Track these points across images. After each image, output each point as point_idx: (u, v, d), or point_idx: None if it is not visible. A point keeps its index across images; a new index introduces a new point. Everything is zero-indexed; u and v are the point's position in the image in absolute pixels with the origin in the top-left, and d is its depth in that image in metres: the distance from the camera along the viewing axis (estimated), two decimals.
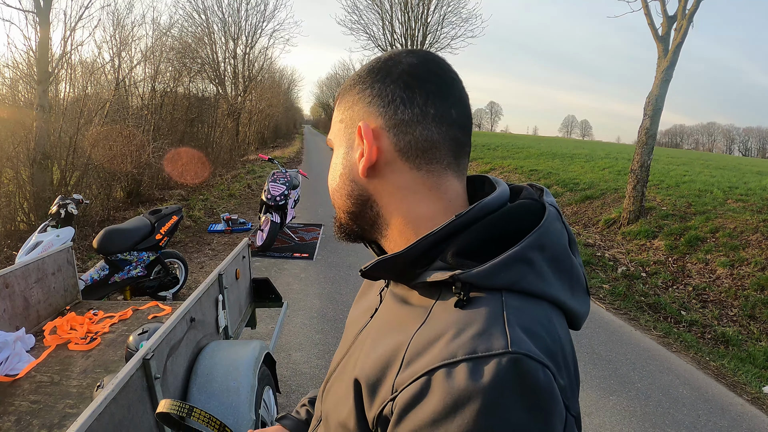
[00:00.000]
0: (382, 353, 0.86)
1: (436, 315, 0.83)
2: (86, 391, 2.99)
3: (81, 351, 3.52)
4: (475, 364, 0.70)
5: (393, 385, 0.78)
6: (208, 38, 27.75)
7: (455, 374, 0.70)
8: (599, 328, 6.56)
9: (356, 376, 0.88)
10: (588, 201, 13.61)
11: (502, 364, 0.69)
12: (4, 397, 2.89)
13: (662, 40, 10.47)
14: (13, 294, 3.65)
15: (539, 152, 27.63)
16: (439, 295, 0.87)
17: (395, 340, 0.85)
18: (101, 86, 13.55)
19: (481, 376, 0.68)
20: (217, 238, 10.52)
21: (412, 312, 0.89)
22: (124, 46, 14.10)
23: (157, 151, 13.31)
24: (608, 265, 9.37)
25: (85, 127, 11.24)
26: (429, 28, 32.60)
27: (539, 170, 19.22)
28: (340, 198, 1.05)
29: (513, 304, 0.79)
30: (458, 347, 0.73)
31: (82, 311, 4.19)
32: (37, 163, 9.55)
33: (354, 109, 0.99)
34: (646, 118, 10.59)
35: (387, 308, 1.01)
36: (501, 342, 0.72)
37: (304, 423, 1.35)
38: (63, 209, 5.71)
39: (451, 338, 0.75)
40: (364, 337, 1.03)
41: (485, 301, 0.80)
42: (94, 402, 1.79)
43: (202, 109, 20.27)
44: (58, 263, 4.20)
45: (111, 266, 5.75)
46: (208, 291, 3.30)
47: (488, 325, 0.75)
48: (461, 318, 0.78)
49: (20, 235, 8.99)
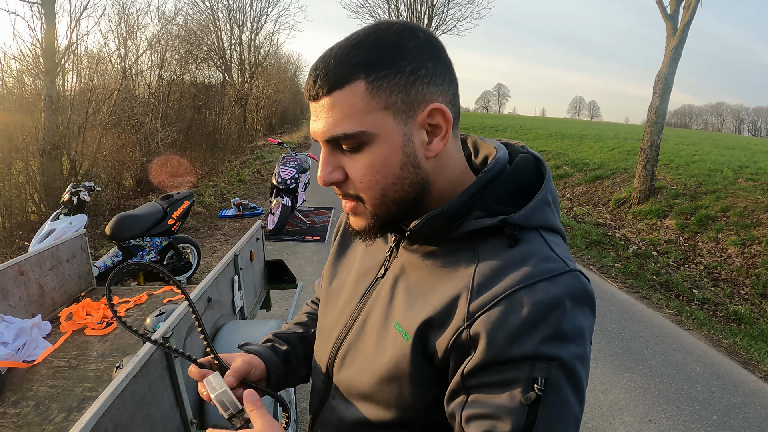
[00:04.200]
0: (440, 296, 0.98)
1: (488, 254, 0.98)
2: (104, 374, 3.01)
3: (97, 336, 3.55)
4: (551, 282, 0.90)
5: (466, 314, 0.91)
6: (213, 25, 27.75)
7: (537, 290, 0.88)
8: (612, 306, 6.57)
9: (403, 323, 1.02)
10: (598, 181, 13.59)
11: (569, 279, 0.91)
12: (23, 383, 2.91)
13: (671, 18, 10.40)
14: (28, 281, 3.67)
15: (548, 133, 27.57)
16: (480, 241, 1.01)
17: (449, 283, 0.99)
18: (108, 76, 13.55)
19: (558, 289, 0.89)
20: (228, 223, 10.57)
21: (455, 259, 1.02)
22: (130, 35, 14.15)
23: (165, 138, 13.34)
24: (619, 244, 9.36)
25: (93, 117, 11.26)
26: (435, 10, 32.52)
27: (548, 151, 19.17)
28: (397, 191, 1.01)
29: (549, 238, 1.00)
30: (531, 272, 0.90)
31: (97, 297, 4.22)
32: (46, 153, 9.58)
33: (409, 92, 0.95)
34: (656, 97, 10.55)
35: (415, 265, 1.09)
36: (561, 264, 0.93)
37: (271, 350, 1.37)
38: (75, 196, 5.74)
39: (520, 267, 0.92)
40: (382, 294, 1.14)
41: (530, 238, 0.99)
42: (115, 380, 1.81)
43: (209, 96, 20.25)
44: (72, 250, 4.23)
45: (124, 252, 5.79)
46: (224, 272, 3.31)
47: (545, 254, 0.95)
48: (520, 252, 0.96)
49: (31, 225, 9.03)
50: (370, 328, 1.12)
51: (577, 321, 0.89)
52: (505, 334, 0.87)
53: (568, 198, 13.30)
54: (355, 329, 1.16)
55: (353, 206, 1.05)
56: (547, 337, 0.86)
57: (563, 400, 0.86)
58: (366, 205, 1.03)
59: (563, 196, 13.57)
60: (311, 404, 1.33)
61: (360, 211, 1.06)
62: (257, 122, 33.75)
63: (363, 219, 1.07)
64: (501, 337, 0.87)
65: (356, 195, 1.03)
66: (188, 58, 17.98)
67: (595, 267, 8.30)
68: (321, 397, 1.27)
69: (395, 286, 1.11)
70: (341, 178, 1.02)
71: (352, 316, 1.19)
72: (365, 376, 1.08)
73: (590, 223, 10.65)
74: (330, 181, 1.02)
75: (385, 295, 1.13)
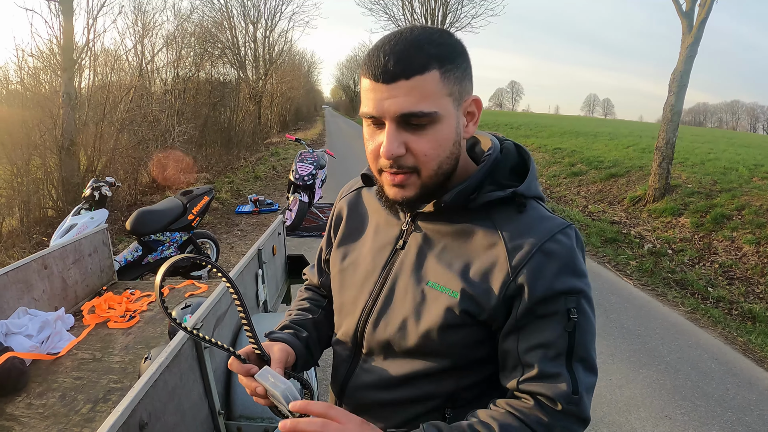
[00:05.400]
0: (477, 257, 1.23)
1: (505, 221, 1.23)
2: (129, 366, 3.06)
3: (121, 329, 3.60)
4: (563, 234, 1.19)
5: (509, 269, 1.17)
6: (228, 23, 27.72)
7: (557, 241, 1.17)
8: (627, 303, 6.57)
9: (446, 282, 1.23)
10: (613, 179, 13.52)
11: (572, 230, 1.22)
12: (48, 375, 2.96)
13: (686, 15, 10.35)
14: (51, 275, 3.72)
15: (562, 131, 27.37)
16: (492, 210, 1.25)
17: (479, 246, 1.23)
18: (124, 73, 13.62)
19: (570, 237, 1.20)
20: (245, 219, 10.61)
21: (475, 226, 1.26)
22: (146, 32, 14.16)
23: (181, 135, 13.39)
24: (634, 242, 9.34)
25: (110, 114, 11.31)
26: (449, 7, 32.32)
27: (563, 148, 19.07)
28: (448, 163, 1.21)
29: (542, 204, 1.29)
30: (548, 228, 1.19)
31: (119, 291, 4.27)
32: (64, 150, 9.64)
33: (462, 84, 1.17)
34: (671, 95, 10.50)
35: (440, 234, 1.30)
36: (562, 220, 1.22)
37: (294, 337, 1.48)
38: (96, 192, 5.78)
39: (539, 226, 1.20)
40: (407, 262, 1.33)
41: (532, 205, 1.26)
42: (149, 370, 1.85)
43: (224, 93, 20.33)
44: (94, 244, 4.28)
45: (144, 247, 5.83)
46: (249, 265, 3.35)
47: (548, 215, 1.24)
48: (530, 216, 1.23)
49: (49, 221, 9.09)
50: (401, 293, 1.31)
51: (583, 260, 1.21)
52: (544, 279, 1.14)
53: (583, 196, 13.27)
54: (383, 295, 1.34)
55: (404, 179, 1.20)
56: (572, 275, 1.16)
57: (588, 320, 1.18)
58: (421, 175, 1.19)
59: (578, 193, 13.54)
60: (336, 376, 1.49)
61: (410, 183, 1.21)
62: (272, 119, 33.80)
63: (411, 190, 1.21)
64: (541, 282, 1.14)
65: (414, 167, 1.18)
66: (203, 55, 18.02)
67: (611, 264, 8.29)
68: (349, 366, 1.44)
69: (421, 254, 1.31)
70: (404, 152, 1.15)
71: (376, 287, 1.36)
72: (411, 333, 1.26)
73: (605, 221, 10.62)
74: (396, 154, 1.14)
75: (410, 262, 1.32)
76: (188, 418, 2.12)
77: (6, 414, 2.58)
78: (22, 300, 3.40)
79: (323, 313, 1.64)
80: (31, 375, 2.93)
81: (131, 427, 1.68)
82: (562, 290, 1.14)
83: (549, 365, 1.15)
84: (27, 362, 2.98)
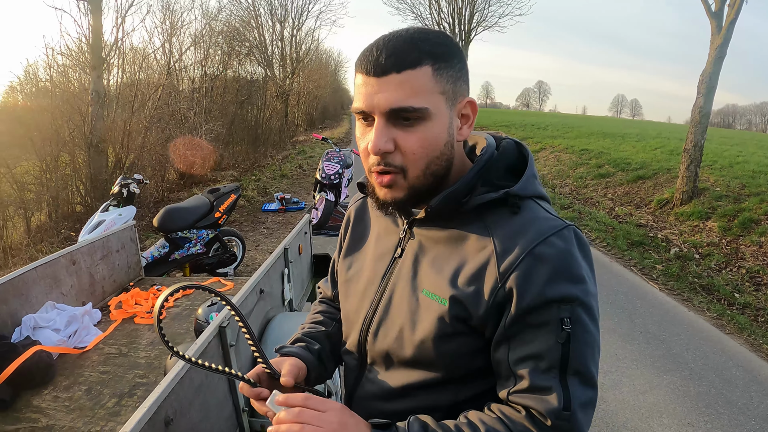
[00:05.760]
0: (467, 263, 1.18)
1: (497, 224, 1.19)
2: (155, 361, 3.09)
3: (147, 324, 3.63)
4: (558, 236, 1.12)
5: (497, 275, 1.12)
6: (255, 21, 27.81)
7: (550, 244, 1.10)
8: (653, 308, 6.52)
9: (436, 290, 1.20)
10: (640, 181, 13.40)
11: (571, 231, 1.15)
12: (74, 368, 3.00)
13: (715, 16, 10.23)
14: (79, 270, 3.77)
15: (589, 132, 27.14)
16: (486, 212, 1.21)
17: (471, 251, 1.19)
18: (152, 71, 13.75)
19: (566, 240, 1.12)
20: (271, 217, 10.67)
21: (468, 231, 1.22)
22: (174, 31, 14.29)
23: (209, 133, 13.49)
24: (661, 245, 9.26)
25: (138, 111, 11.43)
26: (476, 7, 32.25)
27: (590, 149, 18.90)
28: (438, 164, 1.18)
29: (542, 204, 1.23)
30: (540, 230, 1.13)
31: (146, 287, 4.31)
32: (93, 146, 9.76)
33: (457, 84, 1.16)
34: (700, 97, 10.39)
35: (433, 240, 1.27)
36: (560, 221, 1.16)
37: (306, 350, 1.46)
38: (125, 189, 5.86)
39: (530, 228, 1.14)
40: (404, 271, 1.30)
41: (528, 206, 1.20)
42: (175, 367, 1.87)
43: (251, 92, 20.41)
44: (122, 241, 4.32)
45: (171, 244, 5.90)
46: (275, 264, 3.37)
47: (544, 215, 1.18)
48: (524, 217, 1.17)
49: (77, 216, 9.23)
50: (398, 301, 1.28)
51: (584, 264, 1.13)
52: (533, 286, 1.08)
53: (610, 198, 13.16)
54: (382, 305, 1.32)
55: (391, 179, 1.17)
56: (565, 281, 1.09)
57: (586, 330, 1.11)
58: (408, 175, 1.17)
59: (605, 195, 13.44)
60: (346, 386, 1.48)
61: (398, 183, 1.18)
62: (298, 117, 33.90)
63: (399, 191, 1.19)
64: (530, 289, 1.08)
65: (401, 166, 1.16)
66: (231, 54, 18.12)
67: (637, 268, 8.22)
68: (356, 375, 1.42)
69: (417, 262, 1.28)
70: (392, 148, 1.14)
71: (377, 296, 1.35)
72: (407, 343, 1.25)
73: (632, 224, 10.54)
74: (384, 150, 1.13)
75: (407, 271, 1.29)
76: (213, 414, 2.14)
77: (32, 406, 2.63)
78: (51, 295, 3.44)
79: (337, 326, 1.61)
80: (58, 368, 2.97)
81: (157, 423, 1.70)
82: (554, 298, 1.08)
83: (540, 378, 1.10)
84: (54, 356, 3.03)
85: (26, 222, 8.89)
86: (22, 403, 2.65)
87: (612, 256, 8.67)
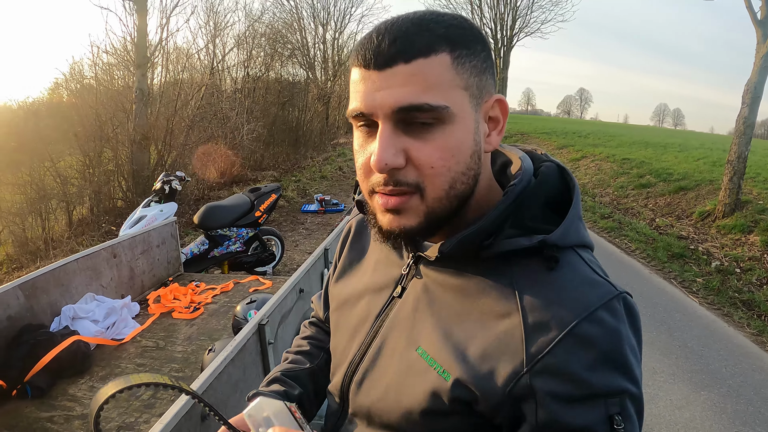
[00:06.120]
0: (483, 330, 0.88)
1: (527, 280, 0.88)
2: (191, 356, 3.08)
3: (185, 319, 3.63)
4: (608, 310, 0.82)
5: (525, 357, 0.81)
6: (298, 24, 28.03)
7: (597, 321, 0.80)
8: (692, 322, 6.38)
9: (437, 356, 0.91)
10: (681, 192, 13.20)
11: (621, 303, 0.84)
12: (111, 359, 3.03)
13: (761, 24, 10.00)
14: (120, 264, 3.80)
15: (631, 141, 26.85)
16: (512, 262, 0.90)
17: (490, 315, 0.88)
18: (196, 71, 13.91)
19: (616, 314, 0.82)
20: (310, 218, 10.70)
21: (488, 284, 0.91)
22: (218, 32, 14.43)
23: (250, 133, 13.57)
24: (702, 258, 9.08)
25: (181, 110, 11.57)
26: (518, 12, 32.19)
27: (632, 159, 18.67)
28: (463, 183, 0.89)
29: (586, 256, 0.91)
30: (586, 300, 0.82)
31: (184, 282, 4.32)
32: (136, 143, 9.89)
33: (483, 78, 0.89)
34: (744, 107, 10.18)
35: (441, 287, 0.98)
36: (610, 287, 0.85)
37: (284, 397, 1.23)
38: (167, 185, 5.89)
39: (572, 295, 0.84)
40: (401, 316, 1.02)
41: (568, 258, 0.89)
42: (213, 362, 1.85)
43: (293, 94, 20.50)
44: (163, 236, 4.34)
45: (211, 241, 5.91)
46: (315, 264, 3.35)
47: (590, 277, 0.87)
48: (563, 276, 0.87)
49: (118, 212, 9.37)
50: (389, 353, 1.01)
51: (633, 346, 0.85)
52: (574, 375, 0.79)
53: (651, 208, 12.97)
54: (371, 353, 1.05)
55: (402, 202, 0.88)
56: (615, 370, 0.81)
57: (635, 427, 0.82)
58: (426, 196, 0.88)
59: (646, 206, 13.26)
60: (326, 426, 1.21)
61: (411, 207, 0.89)
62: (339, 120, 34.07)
63: (412, 217, 0.90)
64: (571, 379, 0.79)
65: (415, 184, 0.86)
66: (273, 55, 18.23)
67: (677, 281, 8.07)
68: (337, 420, 1.16)
69: (417, 309, 1.00)
70: (403, 163, 0.85)
71: (367, 338, 1.08)
72: (392, 407, 0.97)
73: (673, 236, 10.36)
74: (392, 165, 0.84)
75: (405, 317, 1.01)
76: None
77: (68, 395, 2.66)
78: (91, 286, 3.48)
79: (325, 357, 1.36)
80: (94, 359, 3.01)
81: (193, 416, 1.67)
82: (600, 393, 0.79)
83: None
84: (92, 346, 3.06)
85: (68, 215, 9.07)
86: (58, 391, 2.69)
87: (652, 268, 8.51)
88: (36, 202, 8.42)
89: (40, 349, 2.74)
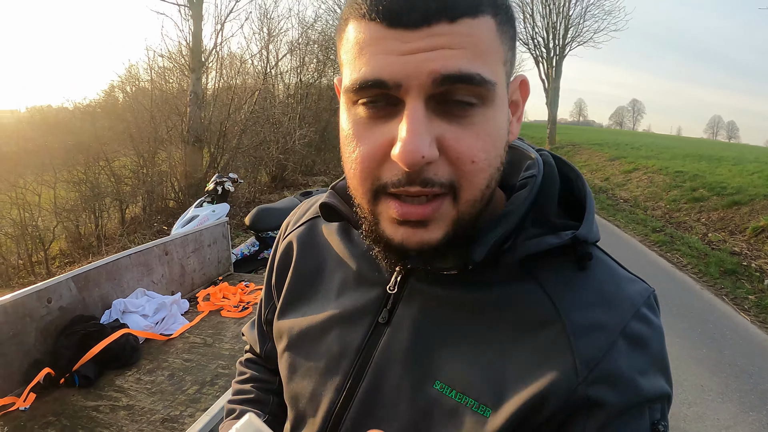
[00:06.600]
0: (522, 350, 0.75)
1: (559, 285, 0.77)
2: (238, 354, 3.08)
3: (233, 318, 3.64)
4: (649, 307, 0.77)
5: (575, 365, 0.70)
6: None
7: (645, 318, 0.75)
8: (742, 340, 6.20)
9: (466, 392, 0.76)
10: (735, 207, 12.90)
11: (654, 299, 0.79)
12: (159, 354, 3.05)
13: None
14: (171, 261, 3.84)
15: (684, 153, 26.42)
16: (532, 267, 0.78)
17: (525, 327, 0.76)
18: (249, 76, 14.08)
19: (656, 312, 0.78)
20: None
21: (512, 292, 0.78)
22: (272, 39, 14.58)
23: (302, 138, 13.67)
24: (754, 275, 8.85)
25: (234, 114, 11.71)
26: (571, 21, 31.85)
27: (685, 172, 18.35)
28: (496, 181, 0.73)
29: (606, 253, 0.84)
30: (631, 298, 0.76)
31: (234, 282, 4.33)
32: (189, 145, 10.04)
33: (514, 52, 0.74)
34: None
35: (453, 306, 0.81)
36: (644, 284, 0.80)
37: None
38: (220, 186, 5.96)
39: (614, 295, 0.76)
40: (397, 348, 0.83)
41: (596, 255, 0.80)
42: None
43: None
44: (214, 236, 4.38)
45: (261, 243, 5.94)
46: None
47: (622, 273, 0.81)
48: (598, 275, 0.78)
49: (170, 211, 9.53)
50: (391, 394, 0.81)
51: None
52: (630, 382, 0.70)
53: (703, 223, 12.70)
54: (360, 398, 0.83)
55: (433, 210, 0.68)
56: (662, 374, 0.74)
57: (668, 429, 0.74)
58: (459, 199, 0.69)
59: (698, 220, 13.00)
60: None
61: (440, 216, 0.69)
62: None
63: (439, 228, 0.70)
64: (627, 386, 0.70)
65: (449, 184, 0.67)
66: (326, 62, 18.35)
67: (728, 297, 7.86)
68: None
69: (421, 336, 0.82)
70: (437, 155, 0.65)
71: (348, 379, 0.85)
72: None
73: (725, 251, 10.12)
74: (430, 158, 0.64)
75: (405, 348, 0.82)
76: None
77: (115, 385, 2.67)
78: (142, 282, 3.54)
79: (277, 401, 1.14)
80: (143, 352, 3.02)
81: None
82: (649, 396, 0.71)
83: None
84: (140, 340, 3.09)
85: (121, 213, 9.32)
86: (106, 381, 2.71)
87: (703, 284, 8.31)
88: (90, 199, 8.65)
89: (89, 340, 2.78)
